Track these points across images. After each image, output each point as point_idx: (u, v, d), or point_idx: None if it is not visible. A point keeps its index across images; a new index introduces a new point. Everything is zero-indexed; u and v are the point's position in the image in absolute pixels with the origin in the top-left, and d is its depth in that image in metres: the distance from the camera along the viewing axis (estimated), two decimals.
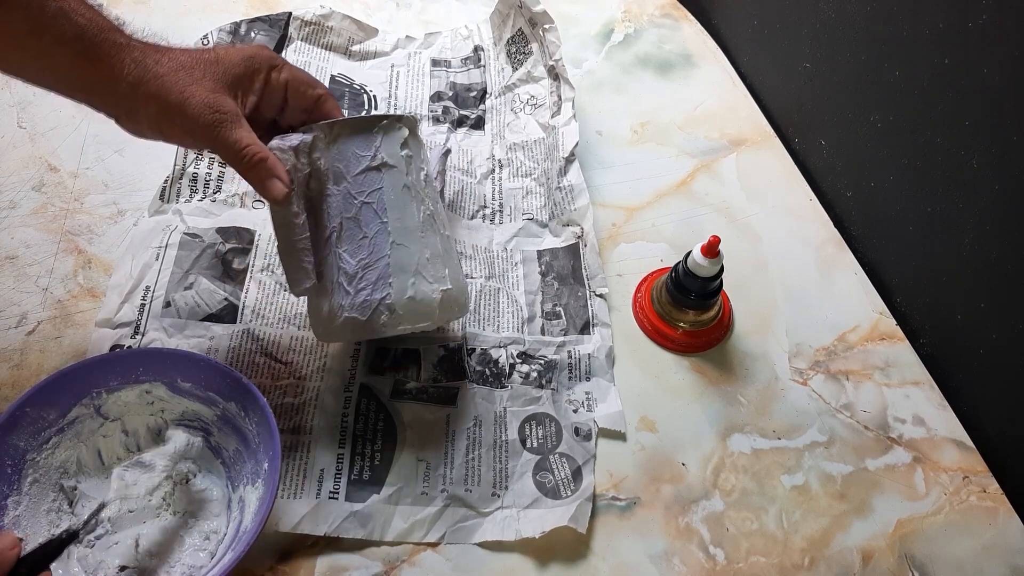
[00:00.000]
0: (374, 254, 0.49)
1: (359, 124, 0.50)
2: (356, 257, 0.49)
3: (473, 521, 0.51)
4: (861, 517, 0.54)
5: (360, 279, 0.49)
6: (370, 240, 0.49)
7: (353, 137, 0.49)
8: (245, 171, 0.46)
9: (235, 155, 0.45)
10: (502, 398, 0.56)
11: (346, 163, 0.49)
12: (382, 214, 0.49)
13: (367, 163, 0.49)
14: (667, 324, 0.61)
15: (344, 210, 0.49)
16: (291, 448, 0.52)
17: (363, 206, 0.49)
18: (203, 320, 0.57)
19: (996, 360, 0.58)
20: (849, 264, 0.68)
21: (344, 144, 0.49)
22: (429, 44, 0.80)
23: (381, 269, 0.49)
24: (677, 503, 0.54)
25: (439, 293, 0.50)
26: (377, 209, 0.49)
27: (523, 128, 0.73)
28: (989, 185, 0.55)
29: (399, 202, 0.50)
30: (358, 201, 0.49)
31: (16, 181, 0.65)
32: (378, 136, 0.50)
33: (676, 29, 0.86)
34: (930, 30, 0.57)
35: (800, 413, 0.59)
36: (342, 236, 0.49)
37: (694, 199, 0.71)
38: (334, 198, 0.49)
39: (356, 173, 0.49)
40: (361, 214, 0.49)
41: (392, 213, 0.49)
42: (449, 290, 0.51)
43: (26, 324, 0.57)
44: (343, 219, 0.49)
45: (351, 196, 0.49)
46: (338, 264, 0.49)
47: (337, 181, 0.49)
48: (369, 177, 0.49)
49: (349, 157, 0.49)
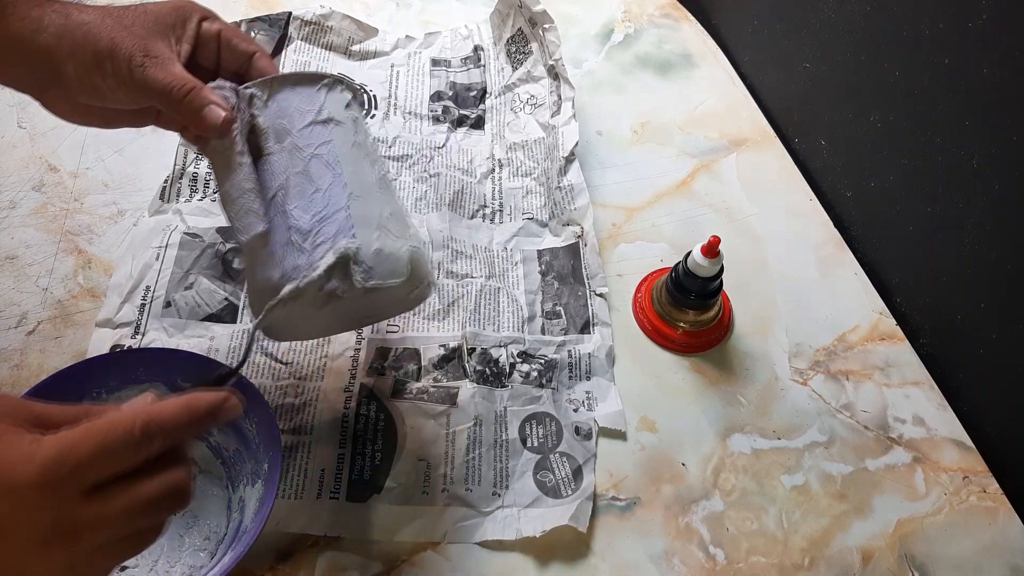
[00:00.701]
0: (330, 206, 0.42)
1: (300, 79, 0.45)
2: (309, 212, 0.42)
3: (474, 520, 0.51)
4: (861, 517, 0.54)
5: (317, 234, 0.42)
6: (324, 193, 0.43)
7: (295, 91, 0.45)
8: (178, 104, 0.41)
9: (166, 91, 0.41)
10: (502, 397, 0.56)
11: (289, 118, 0.44)
12: (334, 167, 0.43)
13: (312, 117, 0.44)
14: (667, 324, 0.61)
15: (291, 166, 0.43)
16: (291, 448, 0.52)
17: (312, 159, 0.43)
18: (203, 320, 0.57)
19: (996, 360, 0.58)
20: (849, 264, 0.68)
21: (285, 100, 0.44)
22: (429, 44, 0.80)
23: (341, 221, 0.42)
24: (677, 503, 0.54)
25: (407, 249, 0.45)
26: (328, 162, 0.43)
27: (523, 128, 0.73)
28: (989, 185, 0.55)
29: (351, 158, 0.44)
30: (306, 154, 0.43)
31: (16, 181, 0.65)
32: (321, 93, 0.45)
33: (676, 29, 0.86)
34: (930, 30, 0.57)
35: (800, 413, 0.59)
36: (290, 194, 0.43)
37: (694, 199, 0.71)
38: (277, 156, 0.43)
39: (302, 127, 0.44)
40: (311, 167, 0.43)
41: (346, 167, 0.44)
42: (417, 248, 0.46)
43: (26, 324, 0.57)
44: (290, 175, 0.43)
45: (298, 149, 0.43)
46: (288, 223, 0.42)
47: (280, 138, 0.43)
48: (316, 131, 0.44)
49: (292, 112, 0.44)
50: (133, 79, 0.41)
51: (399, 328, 0.59)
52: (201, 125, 0.42)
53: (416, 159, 0.70)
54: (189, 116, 0.42)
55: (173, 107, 0.42)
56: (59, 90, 0.42)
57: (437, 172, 0.68)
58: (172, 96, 0.41)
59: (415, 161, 0.69)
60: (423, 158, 0.70)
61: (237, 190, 0.42)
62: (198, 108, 0.42)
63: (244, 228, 0.42)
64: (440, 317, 0.59)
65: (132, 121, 0.47)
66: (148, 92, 0.42)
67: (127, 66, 0.41)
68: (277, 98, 0.44)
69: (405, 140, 0.71)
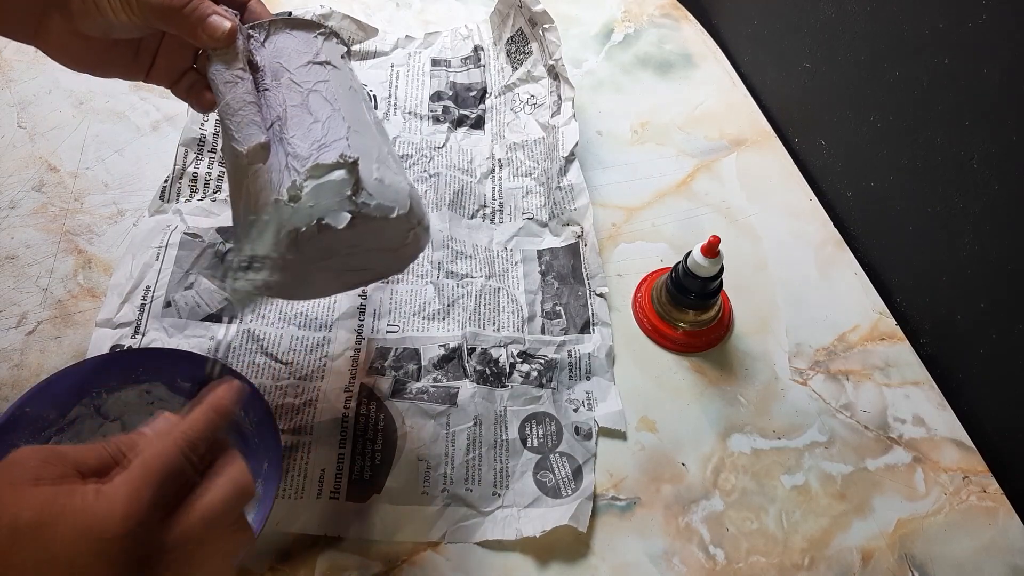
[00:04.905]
0: (329, 136, 0.42)
1: (298, 23, 0.45)
2: (307, 140, 0.41)
3: (474, 520, 0.51)
4: (861, 517, 0.54)
5: (316, 160, 0.41)
6: (323, 124, 0.42)
7: (292, 35, 0.45)
8: (178, 13, 0.41)
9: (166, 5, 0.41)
10: (502, 397, 0.56)
11: (286, 58, 0.44)
12: (333, 102, 0.43)
13: (310, 58, 0.44)
14: (667, 324, 0.61)
15: (288, 99, 0.43)
16: (291, 448, 0.52)
17: (311, 93, 0.43)
18: (203, 320, 0.57)
19: (996, 360, 0.58)
20: (849, 264, 0.68)
21: (283, 42, 0.45)
22: (429, 44, 0.80)
23: (341, 149, 0.41)
24: (677, 503, 0.54)
25: (407, 184, 0.44)
26: (327, 97, 0.43)
27: (523, 128, 0.73)
28: (989, 185, 0.55)
29: (349, 98, 0.44)
30: (304, 89, 0.43)
31: (16, 181, 0.65)
32: (319, 40, 0.45)
33: (676, 29, 0.86)
34: (930, 30, 0.57)
35: (800, 413, 0.59)
36: (288, 123, 0.42)
37: (694, 199, 0.71)
38: (274, 91, 0.43)
39: (299, 66, 0.44)
40: (309, 100, 0.43)
41: (344, 104, 0.43)
42: (415, 189, 0.45)
43: (26, 324, 0.57)
44: (287, 107, 0.42)
45: (295, 85, 0.43)
46: (286, 150, 0.41)
47: (277, 76, 0.43)
48: (314, 69, 0.44)
49: (289, 53, 0.44)
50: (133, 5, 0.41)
51: (399, 328, 0.59)
52: (204, 36, 0.42)
53: (416, 159, 0.70)
54: (192, 27, 0.42)
55: (173, 19, 0.42)
56: (60, 16, 0.42)
57: (437, 172, 0.68)
58: (172, 6, 0.41)
59: (415, 161, 0.69)
60: (423, 158, 0.70)
61: (238, 102, 0.42)
62: (201, 17, 0.42)
63: (244, 139, 0.41)
64: (440, 317, 0.59)
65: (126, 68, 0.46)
66: (150, 7, 0.41)
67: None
68: (274, 39, 0.45)
69: (405, 140, 0.71)
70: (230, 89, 0.42)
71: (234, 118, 0.42)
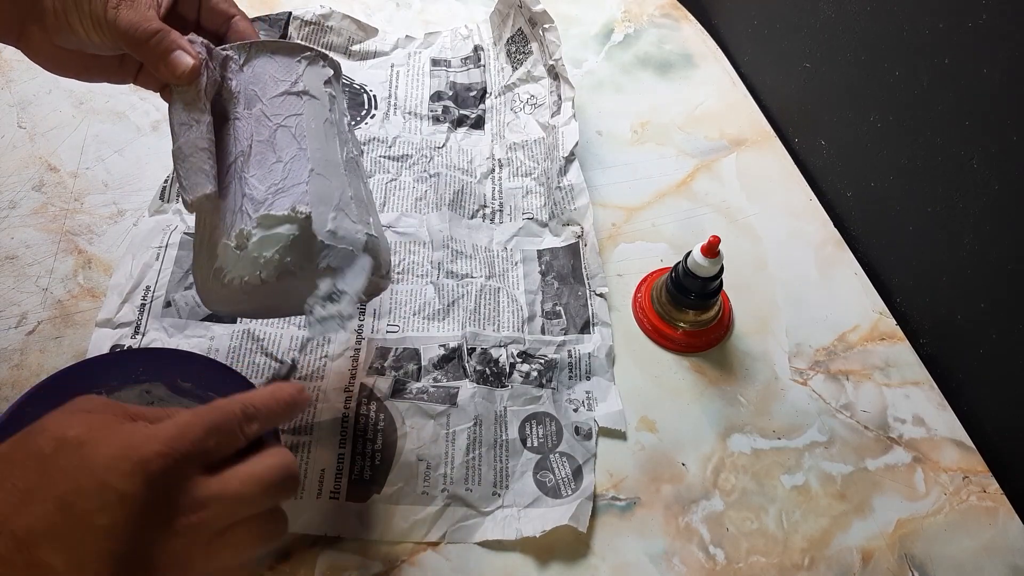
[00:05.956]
0: (289, 180, 0.41)
1: (280, 47, 0.44)
2: (266, 183, 0.40)
3: (474, 520, 0.51)
4: (861, 517, 0.54)
5: (270, 205, 0.40)
6: (285, 165, 0.41)
7: (272, 59, 0.43)
8: (142, 45, 0.40)
9: (132, 31, 0.40)
10: (502, 397, 0.56)
11: (262, 86, 0.43)
12: (300, 140, 0.42)
13: (286, 87, 0.43)
14: (667, 324, 0.61)
15: (256, 133, 0.41)
16: (292, 448, 0.52)
17: (279, 129, 0.42)
18: (203, 320, 0.57)
19: (996, 360, 0.58)
20: (849, 264, 0.68)
21: (261, 66, 0.43)
22: (429, 44, 0.80)
23: (297, 196, 0.40)
24: (677, 503, 0.54)
25: (364, 235, 0.42)
26: (295, 134, 0.42)
27: (523, 128, 0.73)
28: (989, 185, 0.55)
29: (320, 133, 0.43)
30: (273, 123, 0.42)
31: (16, 181, 0.65)
32: (301, 65, 0.44)
33: (676, 29, 0.86)
34: (930, 30, 0.57)
35: (800, 413, 0.59)
36: (250, 161, 0.41)
37: (694, 199, 0.71)
38: (244, 122, 0.42)
39: (273, 95, 0.42)
40: (276, 137, 0.41)
41: (312, 142, 0.42)
42: (375, 239, 0.43)
43: (26, 324, 0.57)
44: (253, 142, 0.41)
45: (265, 118, 0.42)
46: (243, 191, 0.40)
47: (249, 105, 0.42)
48: (288, 101, 0.43)
49: (266, 80, 0.43)
50: (106, 19, 0.40)
51: (399, 328, 0.59)
52: (166, 71, 0.41)
53: (416, 159, 0.70)
54: (155, 60, 0.41)
55: (138, 48, 0.41)
56: (38, 28, 0.41)
57: (437, 172, 0.68)
58: (137, 36, 0.41)
59: (415, 161, 0.69)
60: (423, 158, 0.70)
61: (190, 147, 0.40)
62: (164, 52, 0.41)
63: (191, 187, 0.40)
64: (440, 317, 0.59)
65: (111, 74, 0.46)
66: (117, 32, 0.41)
67: (103, 6, 0.40)
68: (253, 63, 0.43)
69: (405, 140, 0.71)
70: (184, 132, 0.41)
71: (184, 164, 0.41)
